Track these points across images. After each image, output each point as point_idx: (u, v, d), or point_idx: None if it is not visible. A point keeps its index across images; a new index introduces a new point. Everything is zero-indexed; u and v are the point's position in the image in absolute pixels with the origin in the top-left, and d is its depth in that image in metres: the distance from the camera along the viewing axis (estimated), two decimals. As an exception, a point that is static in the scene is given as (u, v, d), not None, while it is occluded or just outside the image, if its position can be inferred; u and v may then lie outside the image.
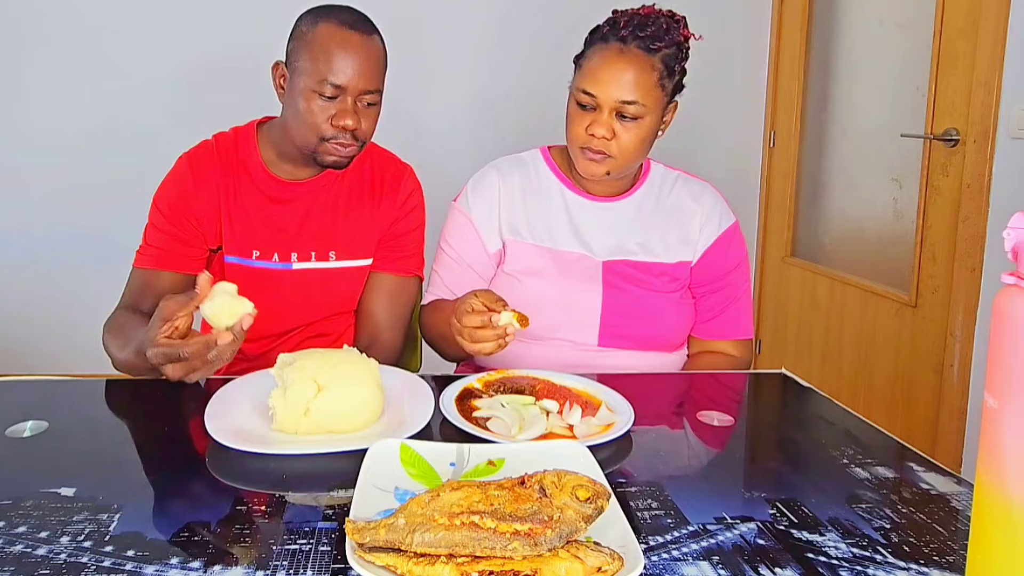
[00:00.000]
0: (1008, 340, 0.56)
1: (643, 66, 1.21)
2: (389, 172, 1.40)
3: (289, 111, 1.25)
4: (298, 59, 1.22)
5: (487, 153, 1.50)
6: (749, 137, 3.18)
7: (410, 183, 1.41)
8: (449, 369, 1.47)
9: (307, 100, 1.21)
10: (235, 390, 1.00)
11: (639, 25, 1.22)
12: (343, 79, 1.19)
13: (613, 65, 1.22)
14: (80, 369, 2.88)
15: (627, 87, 1.21)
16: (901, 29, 2.44)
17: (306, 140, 1.24)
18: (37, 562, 0.65)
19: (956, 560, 0.70)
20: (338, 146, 1.23)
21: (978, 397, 2.06)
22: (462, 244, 1.37)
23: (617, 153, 1.25)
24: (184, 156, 1.34)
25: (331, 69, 1.19)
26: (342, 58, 1.19)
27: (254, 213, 1.32)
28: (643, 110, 1.22)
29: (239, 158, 1.33)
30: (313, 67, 1.19)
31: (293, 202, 1.33)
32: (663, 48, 1.22)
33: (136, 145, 2.85)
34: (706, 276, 1.38)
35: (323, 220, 1.35)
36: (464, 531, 0.62)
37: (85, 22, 2.77)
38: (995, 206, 2.01)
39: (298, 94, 1.22)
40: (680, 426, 1.05)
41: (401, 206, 1.39)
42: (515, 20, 2.95)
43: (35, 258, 2.88)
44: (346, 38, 1.19)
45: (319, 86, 1.19)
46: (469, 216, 1.37)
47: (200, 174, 1.31)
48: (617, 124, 1.23)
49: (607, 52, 1.23)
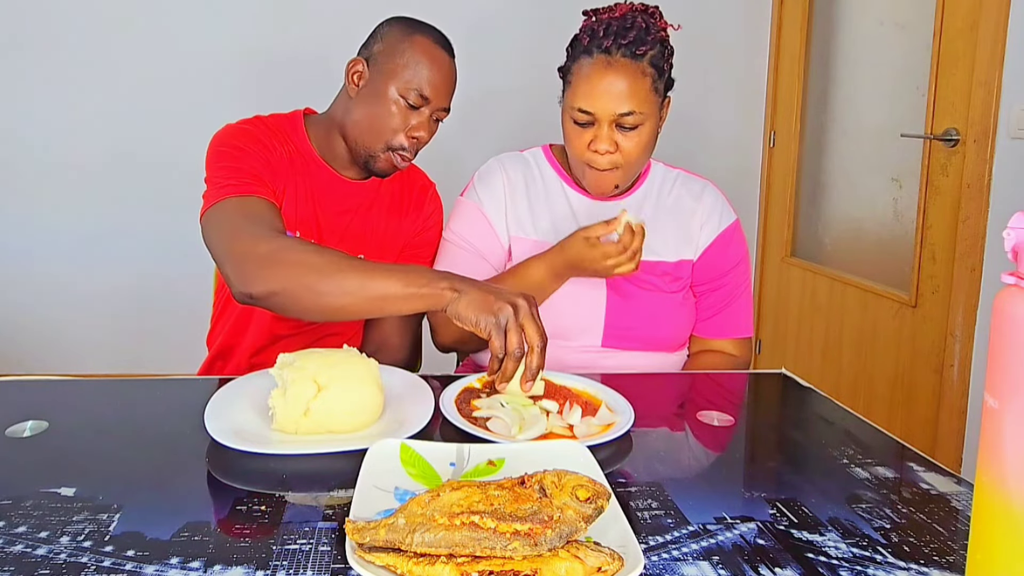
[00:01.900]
0: (1008, 340, 0.56)
1: (634, 75, 1.20)
2: (417, 186, 1.44)
3: (361, 110, 1.27)
4: (388, 63, 1.24)
5: (486, 152, 1.50)
6: (749, 137, 3.18)
7: (434, 200, 1.45)
8: (449, 369, 1.47)
9: (389, 104, 1.24)
10: (235, 390, 1.00)
11: (619, 32, 1.20)
12: (431, 92, 1.24)
13: (603, 79, 1.19)
14: (80, 369, 2.89)
15: (622, 99, 1.19)
16: (901, 29, 2.44)
17: (372, 142, 1.26)
18: (37, 562, 0.65)
19: (956, 560, 0.70)
20: (399, 156, 1.27)
21: (978, 397, 2.06)
22: (474, 233, 1.36)
23: (623, 163, 1.25)
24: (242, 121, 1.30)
25: (426, 80, 1.23)
26: (436, 73, 1.24)
27: (303, 194, 1.31)
28: (642, 117, 1.21)
29: (291, 139, 1.32)
30: (406, 74, 1.23)
31: (338, 197, 1.34)
32: (648, 51, 1.20)
33: (139, 145, 2.86)
34: (706, 274, 1.38)
35: (360, 222, 1.36)
36: (464, 531, 0.62)
37: (85, 22, 2.77)
38: (995, 206, 2.01)
39: (379, 96, 1.24)
40: (680, 426, 1.05)
41: (424, 222, 1.43)
42: (512, 17, 2.95)
43: (36, 258, 2.88)
44: (440, 56, 1.26)
45: (408, 93, 1.23)
46: (480, 207, 1.36)
47: (267, 135, 1.28)
48: (618, 135, 1.22)
49: (595, 66, 1.20)
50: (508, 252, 1.37)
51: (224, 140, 1.25)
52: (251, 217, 1.10)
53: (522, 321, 0.94)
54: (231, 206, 1.13)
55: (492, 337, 0.94)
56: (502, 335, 0.94)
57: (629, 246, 1.18)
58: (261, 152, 1.25)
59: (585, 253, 1.20)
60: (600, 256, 1.19)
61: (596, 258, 1.19)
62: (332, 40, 2.32)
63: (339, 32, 2.16)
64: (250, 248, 1.04)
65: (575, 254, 1.21)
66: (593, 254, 1.19)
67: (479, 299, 0.96)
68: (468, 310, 0.96)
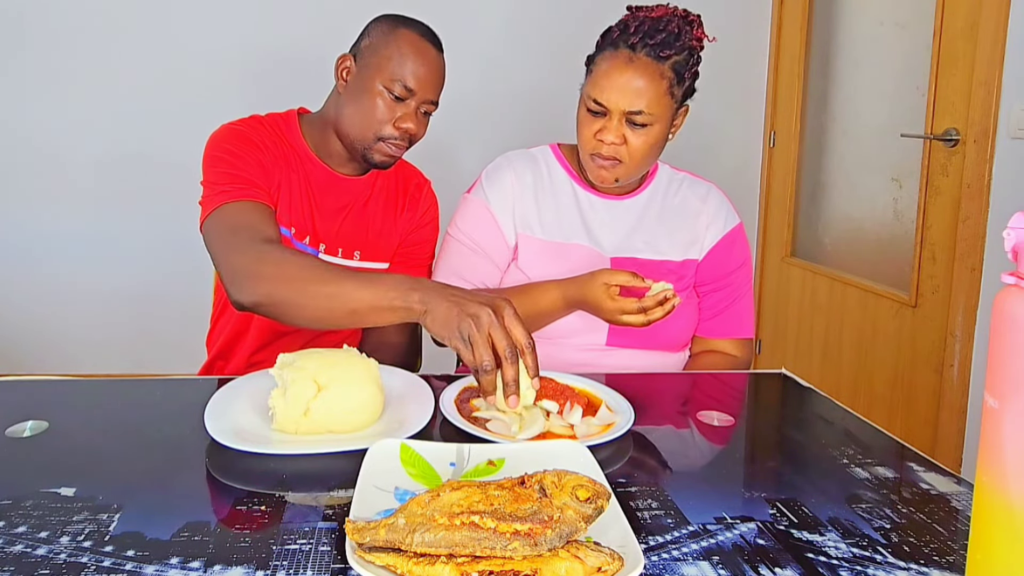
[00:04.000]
0: (1008, 340, 0.56)
1: (652, 75, 1.20)
2: (412, 183, 1.45)
3: (350, 105, 1.28)
4: (373, 56, 1.26)
5: (492, 151, 1.51)
6: (749, 137, 3.18)
7: (429, 197, 1.47)
8: (449, 369, 1.47)
9: (376, 97, 1.25)
10: (235, 390, 1.00)
11: (649, 31, 1.20)
12: (415, 83, 1.25)
13: (622, 74, 1.20)
14: (80, 369, 2.89)
15: (635, 97, 1.20)
16: (901, 29, 2.44)
17: (362, 135, 1.28)
18: (37, 562, 0.65)
19: (956, 560, 0.70)
20: (392, 146, 1.28)
21: (978, 397, 2.06)
22: (479, 231, 1.36)
23: (627, 158, 1.25)
24: (237, 121, 1.32)
25: (409, 71, 1.24)
26: (420, 64, 1.25)
27: (297, 193, 1.32)
28: (652, 118, 1.22)
29: (286, 138, 1.34)
30: (390, 66, 1.24)
31: (333, 194, 1.35)
32: (673, 55, 1.21)
33: (139, 145, 2.86)
34: (711, 274, 1.39)
35: (355, 218, 1.37)
36: (464, 531, 0.62)
37: (84, 22, 2.77)
38: (995, 206, 2.01)
39: (366, 89, 1.26)
40: (680, 426, 1.05)
41: (420, 219, 1.44)
42: (522, 17, 2.96)
43: (36, 258, 2.88)
44: (425, 48, 1.27)
45: (391, 85, 1.24)
46: (487, 205, 1.36)
47: (261, 136, 1.30)
48: (627, 130, 1.23)
49: (616, 60, 1.21)
50: (514, 250, 1.37)
51: (219, 143, 1.26)
52: (241, 226, 1.13)
53: (490, 332, 0.88)
54: (224, 214, 1.15)
55: (461, 354, 0.90)
56: (469, 350, 0.88)
57: (649, 312, 1.16)
58: (254, 153, 1.26)
59: (602, 302, 1.18)
60: (616, 309, 1.17)
61: (611, 309, 1.17)
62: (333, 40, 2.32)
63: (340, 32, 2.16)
64: (237, 259, 1.07)
65: (592, 297, 1.19)
66: (611, 305, 1.17)
67: (444, 315, 0.91)
68: (435, 327, 0.92)
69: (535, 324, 1.29)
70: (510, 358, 0.88)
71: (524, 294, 1.28)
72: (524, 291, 1.29)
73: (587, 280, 1.21)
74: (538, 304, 1.27)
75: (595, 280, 1.19)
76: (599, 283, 1.18)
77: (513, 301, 1.27)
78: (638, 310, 1.16)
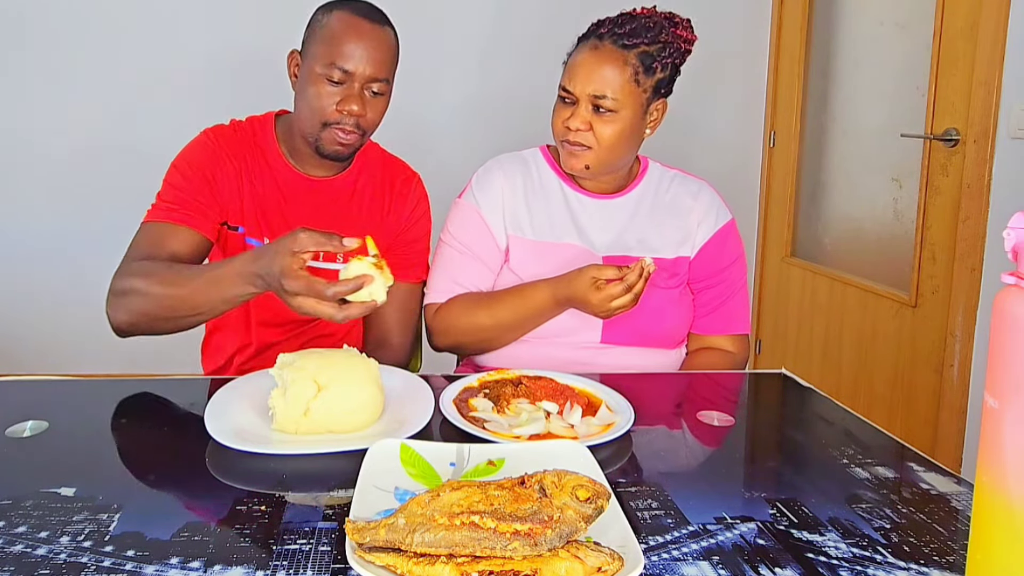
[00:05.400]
0: (1008, 340, 0.56)
1: (615, 61, 1.24)
2: (399, 179, 1.41)
3: (298, 99, 1.27)
4: (311, 46, 1.24)
5: (484, 153, 1.51)
6: (749, 137, 3.18)
7: (418, 192, 1.43)
8: (449, 369, 1.47)
9: (315, 84, 1.22)
10: (235, 390, 1.00)
11: (619, 23, 1.25)
12: (351, 64, 1.20)
13: (585, 61, 1.26)
14: (80, 369, 2.89)
15: (598, 81, 1.24)
16: (901, 29, 2.44)
17: (311, 126, 1.25)
18: (37, 562, 0.65)
19: (956, 560, 0.70)
20: (340, 132, 1.24)
21: (978, 397, 2.06)
22: (471, 236, 1.36)
23: (595, 144, 1.27)
24: (207, 130, 1.33)
25: (340, 53, 1.20)
26: (353, 44, 1.20)
27: (270, 201, 1.32)
28: (616, 104, 1.24)
29: (257, 144, 1.33)
30: (323, 52, 1.21)
31: (307, 197, 1.33)
32: (642, 44, 1.24)
33: (139, 145, 2.85)
34: (703, 271, 1.39)
35: (334, 220, 1.34)
36: (464, 531, 0.62)
37: (83, 21, 2.77)
38: (995, 206, 2.01)
39: (307, 79, 1.23)
40: (680, 426, 1.05)
41: (409, 215, 1.41)
42: (510, 20, 2.95)
43: (35, 258, 2.88)
44: (357, 25, 1.21)
45: (327, 70, 1.21)
46: (478, 209, 1.36)
47: (223, 148, 1.30)
48: (593, 116, 1.26)
49: (582, 49, 1.28)
50: (506, 252, 1.37)
51: (179, 158, 1.30)
52: (139, 245, 1.22)
53: (288, 288, 0.94)
54: (139, 233, 1.25)
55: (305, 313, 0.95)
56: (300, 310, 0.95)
57: (633, 286, 1.18)
58: (208, 168, 1.27)
59: (590, 296, 1.19)
60: (605, 299, 1.18)
61: (601, 301, 1.19)
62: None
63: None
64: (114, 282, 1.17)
65: (580, 293, 1.21)
66: (598, 297, 1.19)
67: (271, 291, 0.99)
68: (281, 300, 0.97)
69: (529, 325, 1.30)
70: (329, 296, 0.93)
71: (516, 296, 1.29)
72: (516, 293, 1.30)
73: (575, 276, 1.22)
74: (529, 304, 1.28)
75: (583, 275, 1.21)
76: (587, 278, 1.20)
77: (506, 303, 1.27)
78: (624, 290, 1.18)
